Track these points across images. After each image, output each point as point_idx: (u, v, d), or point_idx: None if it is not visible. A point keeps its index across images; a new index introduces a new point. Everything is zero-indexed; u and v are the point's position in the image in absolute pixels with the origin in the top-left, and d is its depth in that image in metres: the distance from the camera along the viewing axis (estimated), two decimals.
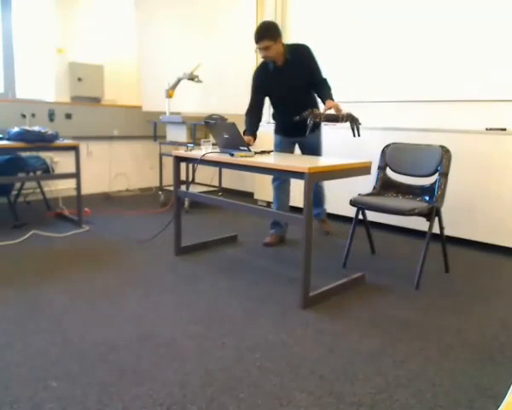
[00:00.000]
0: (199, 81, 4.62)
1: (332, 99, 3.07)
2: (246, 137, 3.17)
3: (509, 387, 1.37)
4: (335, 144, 4.25)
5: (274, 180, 3.49)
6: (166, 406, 1.54)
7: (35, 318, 2.15)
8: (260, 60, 3.30)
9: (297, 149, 3.56)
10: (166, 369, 1.75)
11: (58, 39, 4.91)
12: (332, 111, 2.95)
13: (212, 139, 3.19)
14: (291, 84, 3.22)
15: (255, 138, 3.30)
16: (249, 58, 4.55)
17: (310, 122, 2.89)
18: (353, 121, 2.84)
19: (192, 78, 4.59)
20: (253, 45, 3.12)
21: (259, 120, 3.36)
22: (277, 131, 3.51)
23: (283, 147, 3.43)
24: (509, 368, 1.82)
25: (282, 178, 3.40)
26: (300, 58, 3.19)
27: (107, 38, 5.26)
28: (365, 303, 2.43)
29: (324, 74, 3.29)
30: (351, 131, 2.87)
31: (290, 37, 4.81)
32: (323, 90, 3.19)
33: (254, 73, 3.35)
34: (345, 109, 2.95)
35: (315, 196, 3.56)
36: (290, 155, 3.15)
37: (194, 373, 1.73)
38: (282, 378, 1.72)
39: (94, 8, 5.12)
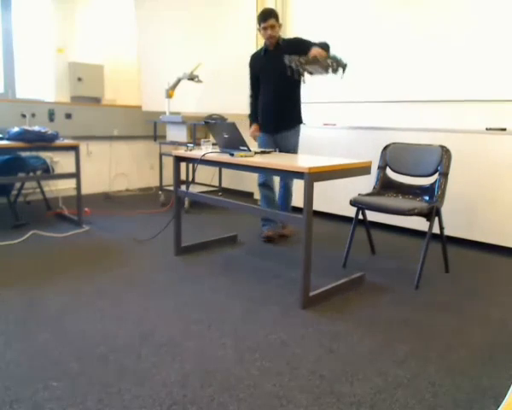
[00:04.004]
0: (199, 81, 4.62)
1: (319, 47, 2.93)
2: (253, 127, 3.51)
3: (509, 387, 1.37)
4: (335, 144, 4.25)
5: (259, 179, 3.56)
6: (166, 406, 1.54)
7: (35, 318, 2.15)
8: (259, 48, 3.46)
9: None
10: (166, 369, 1.75)
11: (58, 39, 4.91)
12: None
13: (212, 139, 3.19)
14: (280, 67, 3.19)
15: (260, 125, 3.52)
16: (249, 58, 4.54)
17: (292, 64, 2.86)
18: (338, 64, 2.79)
19: (192, 78, 4.59)
20: (254, 29, 3.23)
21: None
22: (260, 127, 3.55)
23: (267, 147, 3.46)
24: (509, 368, 1.82)
25: (265, 176, 3.48)
26: (292, 44, 3.32)
27: (107, 38, 5.26)
28: (365, 303, 2.43)
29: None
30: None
31: (290, 36, 4.81)
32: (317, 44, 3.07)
33: (250, 58, 3.57)
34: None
35: (283, 201, 3.60)
36: (290, 154, 3.15)
37: (194, 373, 1.73)
38: (282, 378, 1.72)
39: (94, 8, 5.12)
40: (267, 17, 3.22)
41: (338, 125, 4.25)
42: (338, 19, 4.41)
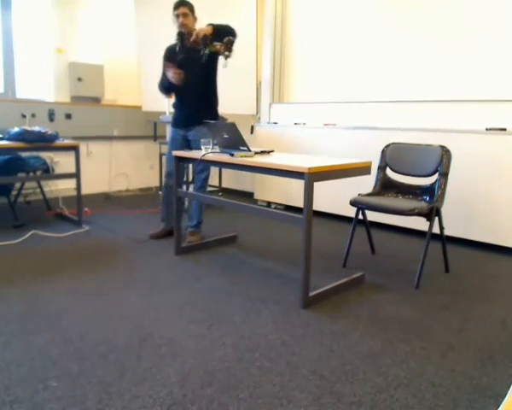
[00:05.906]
0: None
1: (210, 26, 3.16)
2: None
3: (509, 387, 1.37)
4: (335, 144, 4.25)
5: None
6: (166, 406, 1.54)
7: (35, 318, 2.15)
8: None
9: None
10: (166, 369, 1.75)
11: (58, 39, 4.91)
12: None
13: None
14: (195, 62, 3.28)
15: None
16: (249, 58, 4.55)
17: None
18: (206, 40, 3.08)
19: None
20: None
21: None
22: (173, 121, 3.52)
23: (176, 146, 3.40)
24: (509, 368, 1.82)
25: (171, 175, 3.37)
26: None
27: (107, 38, 5.26)
28: (365, 303, 2.43)
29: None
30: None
31: (290, 37, 4.82)
32: None
33: (165, 50, 3.49)
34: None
35: (197, 206, 3.48)
36: (290, 154, 3.15)
37: (194, 373, 1.73)
38: (282, 378, 1.72)
39: (93, 8, 5.12)
40: (179, 5, 3.29)
41: (338, 125, 4.25)
42: (338, 19, 4.41)
